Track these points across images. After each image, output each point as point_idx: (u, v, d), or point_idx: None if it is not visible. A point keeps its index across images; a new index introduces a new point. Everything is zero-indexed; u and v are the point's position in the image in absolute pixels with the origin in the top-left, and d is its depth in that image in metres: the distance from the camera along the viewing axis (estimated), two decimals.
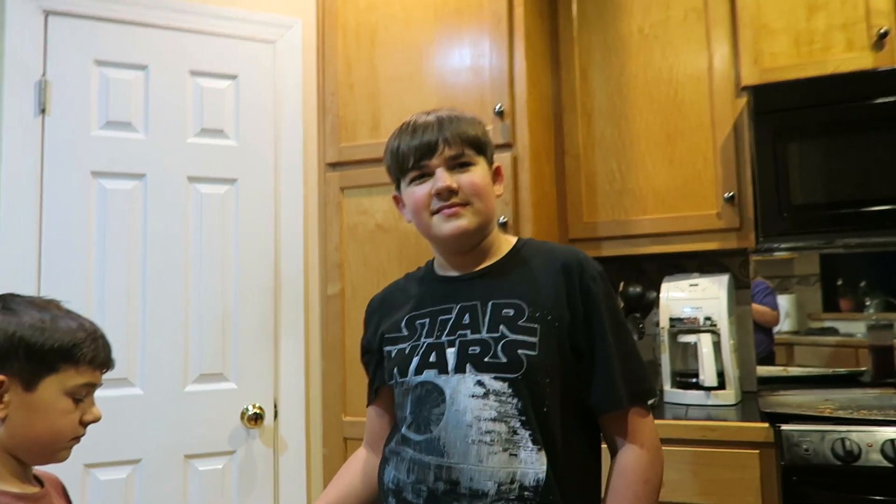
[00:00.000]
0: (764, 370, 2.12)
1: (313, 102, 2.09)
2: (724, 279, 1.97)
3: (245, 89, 2.05)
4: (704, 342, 1.87)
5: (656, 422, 1.11)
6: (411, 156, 1.09)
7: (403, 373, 1.08)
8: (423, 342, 1.08)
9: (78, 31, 1.90)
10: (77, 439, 0.96)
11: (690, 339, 1.93)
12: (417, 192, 1.09)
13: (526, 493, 0.96)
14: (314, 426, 2.03)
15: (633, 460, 1.03)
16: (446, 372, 1.03)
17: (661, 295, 1.99)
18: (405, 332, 1.12)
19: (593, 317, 1.04)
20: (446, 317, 1.08)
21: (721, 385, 1.88)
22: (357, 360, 1.91)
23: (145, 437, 1.88)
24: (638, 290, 2.05)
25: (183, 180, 1.97)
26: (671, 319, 1.96)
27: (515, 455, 0.97)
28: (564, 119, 2.13)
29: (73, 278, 1.84)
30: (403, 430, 1.07)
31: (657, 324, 2.02)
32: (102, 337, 0.99)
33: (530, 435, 0.98)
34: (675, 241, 2.00)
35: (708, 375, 1.84)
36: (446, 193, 1.06)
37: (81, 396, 0.95)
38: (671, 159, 2.02)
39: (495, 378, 1.00)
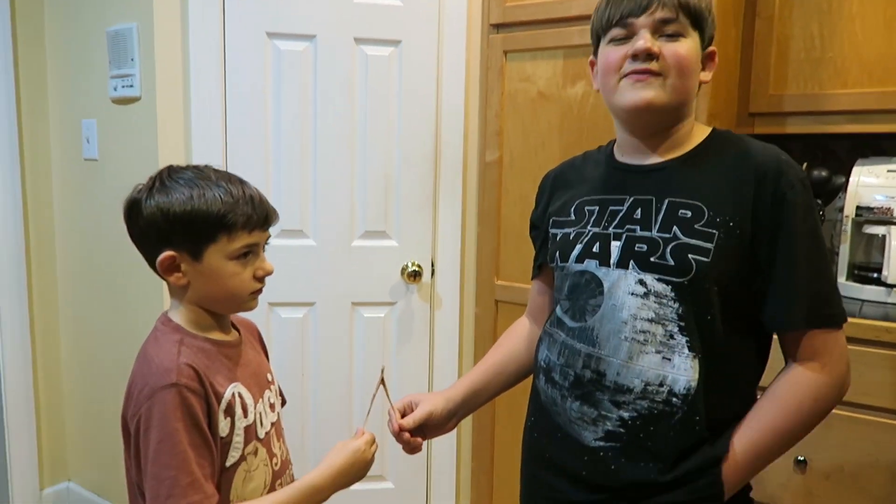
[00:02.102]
0: None
1: None
2: None
3: None
4: (895, 235, 1.68)
5: None
6: (619, 10, 0.97)
7: (564, 258, 1.06)
8: (589, 230, 1.04)
9: None
10: (258, 291, 1.04)
11: (878, 230, 1.74)
12: (612, 52, 0.98)
13: (674, 398, 0.94)
14: (468, 287, 2.13)
15: (811, 376, 0.95)
16: (608, 265, 0.99)
17: (851, 180, 1.79)
18: (573, 217, 1.08)
19: (782, 227, 0.93)
20: (617, 208, 1.02)
21: None
22: (511, 228, 1.97)
23: (318, 283, 2.08)
24: (824, 173, 1.85)
25: (350, 41, 2.00)
26: (858, 207, 1.76)
27: (669, 360, 0.94)
28: None
29: (252, 136, 1.99)
30: (559, 313, 1.07)
31: (840, 209, 1.83)
32: (253, 197, 0.99)
33: (687, 342, 0.94)
34: (880, 121, 1.74)
35: (893, 272, 1.67)
36: (643, 56, 0.94)
37: (246, 257, 1.00)
38: (889, 23, 1.72)
39: (659, 280, 0.95)
